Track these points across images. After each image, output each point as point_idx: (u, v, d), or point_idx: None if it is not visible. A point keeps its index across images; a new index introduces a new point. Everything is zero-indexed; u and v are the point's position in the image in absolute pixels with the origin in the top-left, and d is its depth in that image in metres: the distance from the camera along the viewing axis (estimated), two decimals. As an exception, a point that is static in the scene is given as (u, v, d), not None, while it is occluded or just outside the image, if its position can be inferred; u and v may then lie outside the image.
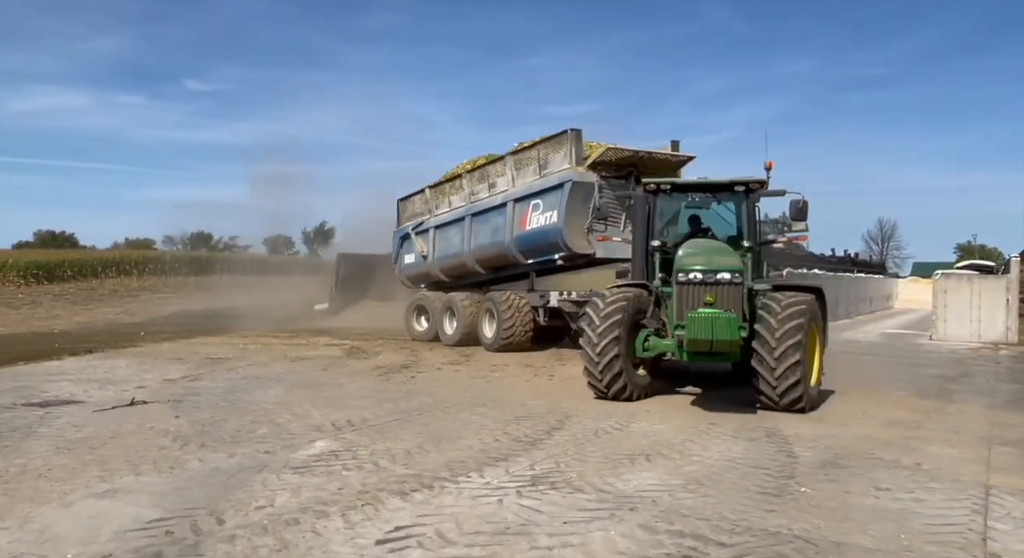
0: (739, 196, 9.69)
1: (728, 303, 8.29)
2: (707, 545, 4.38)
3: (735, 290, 8.36)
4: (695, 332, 8.11)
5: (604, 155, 13.46)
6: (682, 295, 8.52)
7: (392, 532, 4.46)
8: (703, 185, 10.09)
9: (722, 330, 8.03)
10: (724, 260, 8.54)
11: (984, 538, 4.55)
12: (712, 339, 8.05)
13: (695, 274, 8.43)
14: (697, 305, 8.30)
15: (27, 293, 36.13)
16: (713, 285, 8.37)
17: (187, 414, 7.82)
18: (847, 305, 30.29)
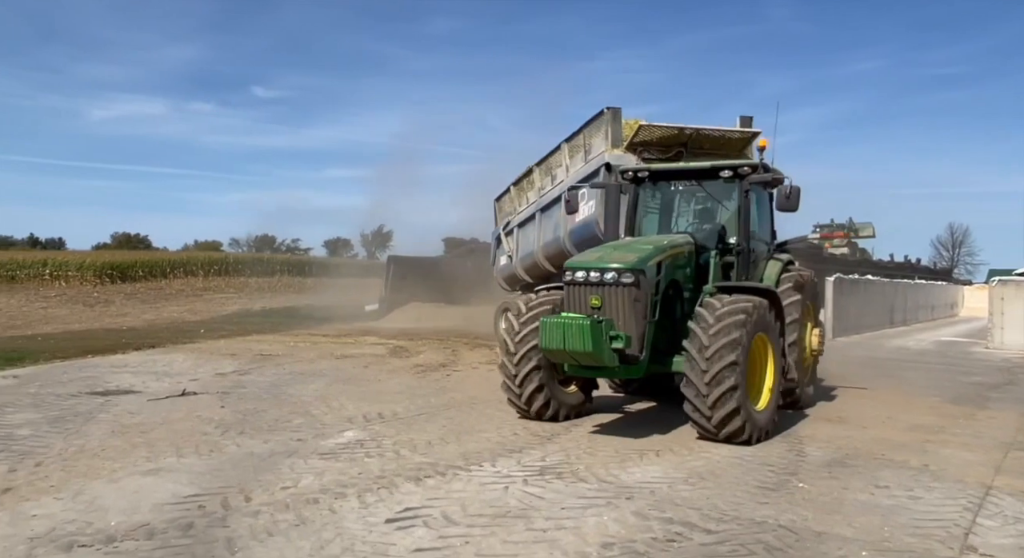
0: (729, 184, 8.43)
1: (614, 308, 7.03)
2: (693, 531, 4.64)
3: (624, 293, 7.01)
4: (547, 340, 6.88)
5: (640, 134, 12.24)
6: (569, 298, 7.34)
7: (401, 512, 4.85)
8: (684, 171, 9.02)
9: (575, 338, 6.67)
10: (620, 256, 7.25)
11: (967, 533, 4.69)
12: (565, 349, 6.76)
13: (581, 273, 7.23)
14: (584, 309, 7.13)
15: (102, 292, 38.24)
16: (597, 286, 7.12)
17: (232, 405, 8.41)
18: (904, 312, 29.58)
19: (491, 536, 4.50)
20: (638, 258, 7.18)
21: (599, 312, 7.03)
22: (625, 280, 7.04)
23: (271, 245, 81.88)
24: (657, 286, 7.35)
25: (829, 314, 21.36)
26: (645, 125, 12.16)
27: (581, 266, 7.29)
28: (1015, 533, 4.72)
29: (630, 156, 12.28)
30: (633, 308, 7.03)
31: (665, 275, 7.47)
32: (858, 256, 41.01)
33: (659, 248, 7.53)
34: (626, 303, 7.04)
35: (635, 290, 7.04)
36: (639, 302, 7.06)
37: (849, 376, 12.31)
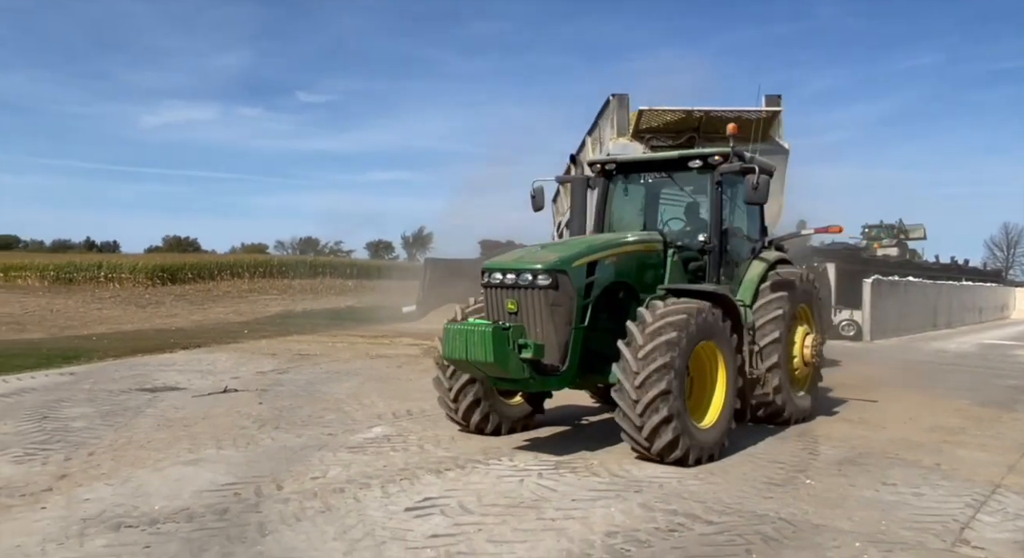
0: (702, 175, 7.75)
1: (532, 313, 6.37)
2: (695, 522, 4.87)
3: (540, 296, 6.33)
4: (448, 349, 6.31)
5: (644, 121, 11.46)
6: (487, 302, 6.73)
7: (421, 502, 5.18)
8: (651, 162, 8.39)
9: (476, 347, 6.02)
10: (541, 256, 6.56)
11: (963, 527, 4.82)
12: (467, 359, 6.15)
13: (497, 275, 6.57)
14: (502, 315, 6.50)
15: (152, 293, 39.66)
16: (513, 288, 6.46)
17: (269, 401, 8.86)
18: (949, 314, 29.01)
19: (503, 524, 4.79)
20: (559, 258, 6.44)
21: (515, 317, 6.39)
22: (541, 282, 6.32)
23: (315, 247, 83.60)
24: (588, 289, 6.58)
25: (866, 316, 21.17)
26: (646, 110, 11.39)
27: (498, 267, 6.60)
28: (1012, 528, 4.84)
29: (636, 144, 11.58)
30: (551, 313, 6.32)
31: (603, 276, 6.73)
32: (908, 257, 40.21)
33: (594, 247, 6.82)
34: (542, 308, 6.32)
35: (553, 293, 6.31)
36: (559, 307, 6.35)
37: (877, 378, 12.30)
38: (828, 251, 24.58)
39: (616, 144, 11.63)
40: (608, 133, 12.25)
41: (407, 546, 4.38)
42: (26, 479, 5.53)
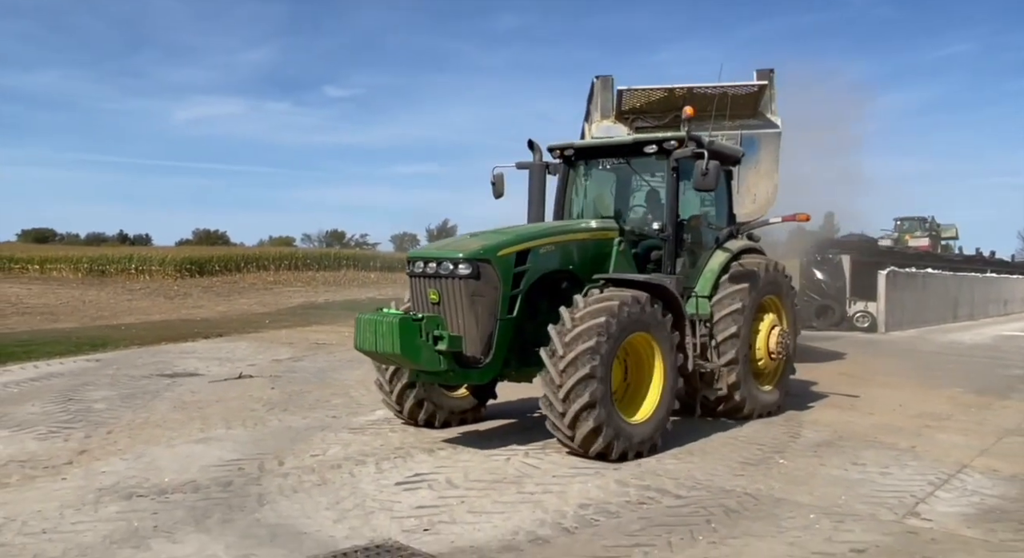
0: (660, 160, 7.51)
1: (453, 304, 6.22)
2: (664, 496, 5.20)
3: (461, 286, 6.15)
4: (360, 340, 6.15)
5: (626, 101, 11.16)
6: (412, 293, 6.57)
7: (411, 477, 5.56)
8: (607, 147, 8.14)
9: (384, 339, 5.88)
10: (464, 245, 6.40)
11: (919, 502, 5.09)
12: (376, 350, 6.03)
13: (419, 264, 6.42)
14: (426, 305, 6.36)
15: (181, 285, 40.64)
16: (434, 278, 6.31)
17: (281, 387, 9.32)
18: (971, 306, 28.76)
19: (484, 497, 5.15)
20: (483, 247, 6.25)
21: (437, 308, 6.27)
22: (462, 272, 6.14)
23: (340, 240, 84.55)
24: (517, 278, 6.39)
25: (881, 307, 21.17)
26: (627, 90, 11.04)
27: (421, 256, 6.48)
28: (965, 504, 5.09)
29: (620, 126, 11.28)
30: (472, 304, 6.15)
31: (538, 265, 6.54)
32: (939, 251, 39.89)
33: (525, 235, 6.63)
34: (463, 298, 6.15)
35: (474, 283, 6.13)
36: (481, 297, 6.17)
37: (880, 368, 12.45)
38: (844, 243, 24.54)
39: (600, 126, 11.35)
40: (595, 115, 11.83)
41: (393, 515, 4.75)
42: (49, 454, 6.02)
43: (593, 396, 5.78)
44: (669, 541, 4.38)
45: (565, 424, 5.88)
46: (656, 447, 6.34)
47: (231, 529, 4.42)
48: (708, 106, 10.57)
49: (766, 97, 11.06)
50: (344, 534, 4.42)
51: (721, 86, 10.64)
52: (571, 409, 5.81)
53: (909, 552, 4.21)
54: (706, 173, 6.94)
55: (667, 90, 11.01)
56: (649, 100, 11.24)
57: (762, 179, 11.17)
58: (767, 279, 8.02)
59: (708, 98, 10.54)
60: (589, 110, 12.64)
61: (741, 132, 10.91)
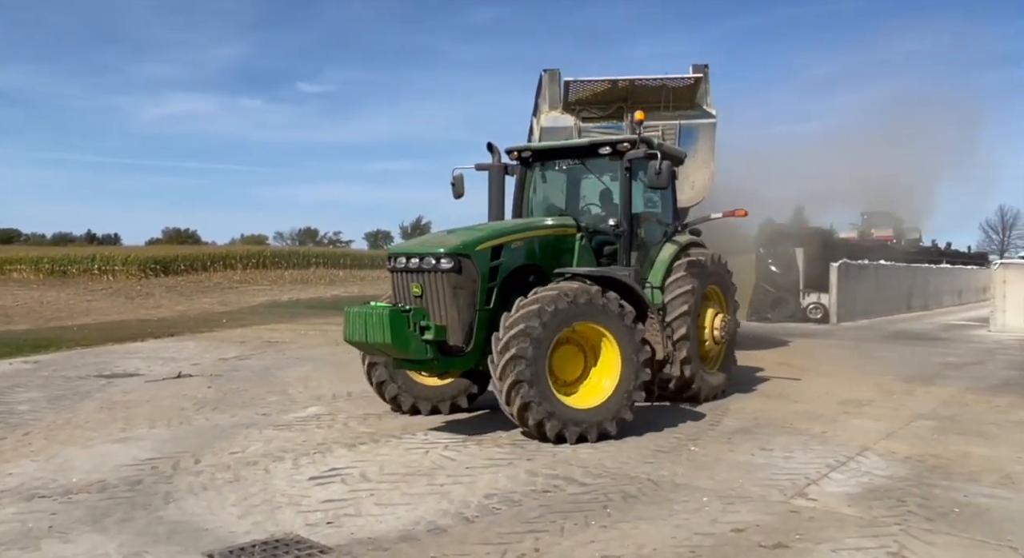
0: (613, 161, 7.92)
1: (435, 297, 6.63)
2: (570, 484, 5.34)
3: (443, 279, 6.58)
4: (349, 332, 6.52)
5: (572, 93, 11.64)
6: (393, 286, 7.01)
7: (326, 472, 5.64)
8: (563, 149, 8.52)
9: (374, 330, 6.27)
10: (444, 240, 6.83)
11: (810, 484, 5.30)
12: (367, 341, 6.40)
13: (401, 259, 6.82)
14: (407, 299, 6.79)
15: (144, 285, 40.10)
16: (417, 272, 6.70)
17: (219, 385, 9.33)
18: (925, 297, 29.45)
19: (394, 490, 5.26)
20: (462, 242, 6.71)
21: (420, 301, 6.66)
22: (444, 266, 6.57)
23: (313, 238, 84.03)
24: (493, 272, 6.82)
25: (833, 299, 21.61)
26: (573, 81, 11.53)
27: (403, 251, 6.90)
28: (854, 484, 5.32)
29: (567, 117, 11.76)
30: (454, 296, 6.59)
31: (510, 260, 6.97)
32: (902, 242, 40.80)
33: (498, 231, 7.06)
34: (445, 291, 6.60)
35: (456, 276, 6.58)
36: (462, 289, 6.62)
37: (821, 356, 12.78)
38: (798, 236, 24.98)
39: (547, 117, 11.78)
40: (544, 109, 12.20)
41: (299, 510, 4.84)
42: (-39, 456, 6.00)
43: (521, 375, 6.18)
44: (562, 527, 4.52)
45: (503, 399, 6.36)
46: (607, 434, 6.56)
47: (129, 528, 4.48)
48: (649, 97, 11.53)
49: (702, 90, 11.56)
50: (246, 529, 4.50)
51: (660, 78, 11.33)
52: (504, 386, 6.27)
53: (786, 530, 4.40)
54: (659, 172, 7.36)
55: (611, 82, 11.47)
56: (594, 92, 11.66)
57: (700, 168, 11.66)
58: (712, 269, 8.58)
59: (649, 90, 11.47)
60: (537, 103, 12.91)
61: (680, 123, 11.57)
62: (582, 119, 11.78)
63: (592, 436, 6.47)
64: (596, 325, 6.67)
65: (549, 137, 11.51)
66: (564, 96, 11.81)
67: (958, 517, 4.66)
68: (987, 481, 5.41)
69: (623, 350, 6.74)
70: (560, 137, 11.34)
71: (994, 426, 7.29)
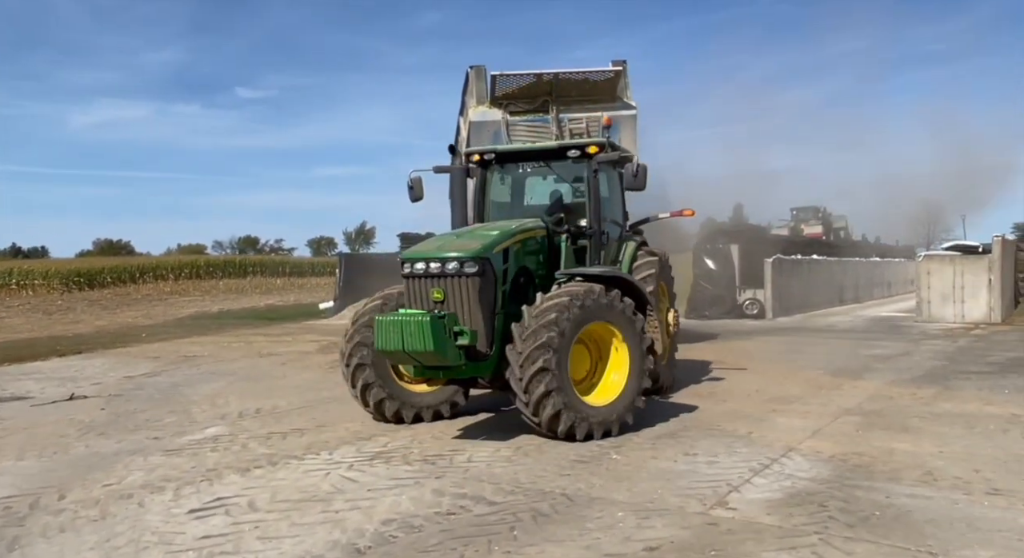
0: (579, 164, 7.95)
1: (459, 301, 6.58)
2: (478, 504, 4.93)
3: (468, 284, 6.55)
4: (383, 341, 6.34)
5: (499, 87, 11.86)
6: (409, 293, 6.83)
7: (210, 502, 5.08)
8: (530, 152, 8.47)
9: (414, 337, 6.15)
10: (461, 244, 6.75)
11: (732, 491, 5.01)
12: (404, 349, 6.23)
13: (420, 264, 6.70)
14: (427, 304, 6.67)
15: (66, 299, 38.22)
16: (439, 278, 6.62)
17: (114, 407, 8.62)
18: (856, 290, 30.09)
19: (283, 520, 4.75)
20: (482, 245, 6.66)
21: (442, 306, 6.57)
22: (468, 270, 6.53)
23: (254, 246, 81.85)
24: (505, 275, 6.88)
25: (768, 294, 21.80)
26: (499, 76, 11.76)
27: (420, 257, 6.73)
28: (775, 488, 5.05)
29: (495, 111, 11.98)
30: (479, 300, 6.56)
31: (514, 262, 7.02)
32: (831, 238, 41.75)
33: (506, 233, 7.00)
34: (471, 295, 6.55)
35: (479, 280, 6.54)
36: (485, 293, 6.60)
37: (752, 352, 12.70)
38: (733, 232, 25.20)
39: (476, 112, 11.94)
40: (471, 104, 12.44)
41: (170, 550, 4.30)
42: None
43: (548, 386, 6.24)
44: (462, 555, 4.10)
45: (530, 411, 6.36)
46: (625, 426, 6.75)
47: (-44, 581, 3.87)
48: (573, 91, 11.93)
49: (622, 83, 11.95)
50: (100, 576, 3.94)
51: (582, 72, 11.75)
52: (532, 398, 6.28)
53: (701, 545, 4.07)
54: (636, 174, 7.59)
55: (536, 76, 11.71)
56: (520, 85, 11.90)
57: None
58: (663, 266, 8.88)
59: (572, 83, 11.81)
60: (464, 101, 13.02)
61: (603, 115, 11.51)
62: (510, 113, 11.94)
63: (615, 430, 6.64)
64: (607, 324, 6.83)
65: (478, 131, 11.78)
66: (491, 91, 11.97)
67: (879, 521, 4.41)
68: (909, 479, 5.22)
69: (630, 346, 6.91)
70: (489, 131, 11.71)
71: (917, 419, 7.18)
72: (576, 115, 11.93)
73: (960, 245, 22.76)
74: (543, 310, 6.42)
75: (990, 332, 16.32)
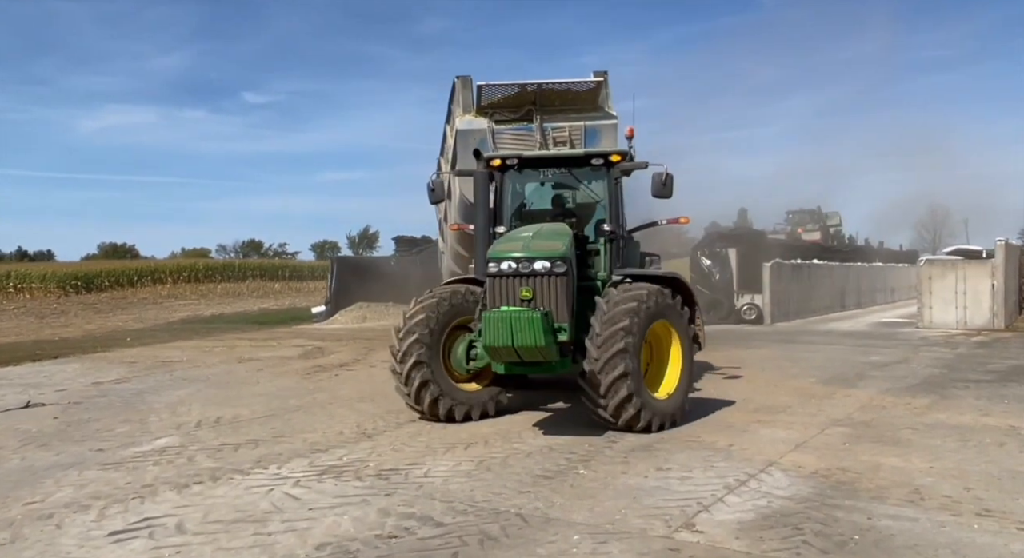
0: (598, 171, 8.43)
1: (548, 299, 6.82)
2: (424, 525, 4.52)
3: (557, 283, 6.85)
4: (492, 336, 6.49)
5: (484, 97, 12.17)
6: (494, 291, 7.00)
7: (135, 523, 4.68)
8: (555, 159, 8.87)
9: (524, 333, 6.37)
10: (545, 246, 7.06)
11: (701, 510, 4.60)
12: (513, 344, 6.43)
13: (507, 263, 6.92)
14: (513, 302, 6.83)
15: (62, 303, 37.96)
16: (528, 276, 6.86)
17: (70, 415, 8.23)
18: (858, 295, 29.55)
19: (209, 544, 4.35)
20: (564, 247, 7.06)
21: (530, 304, 6.77)
22: (558, 270, 6.86)
23: (258, 250, 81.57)
24: (575, 274, 7.27)
25: (766, 299, 21.35)
26: (485, 86, 12.04)
27: (507, 256, 6.96)
28: (748, 508, 4.65)
29: (481, 120, 12.27)
30: (565, 298, 6.89)
31: (572, 262, 7.27)
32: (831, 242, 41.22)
33: (565, 234, 7.39)
34: (558, 293, 6.85)
35: (566, 279, 6.89)
36: (569, 291, 6.95)
37: (746, 359, 12.27)
38: (731, 236, 24.76)
39: (462, 120, 12.18)
40: (458, 113, 12.64)
41: (77, 576, 3.90)
42: None
43: (626, 368, 6.56)
44: (393, 586, 3.70)
45: (600, 394, 6.62)
46: (677, 421, 7.07)
47: None
48: (556, 100, 12.26)
49: (603, 93, 12.24)
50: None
51: (565, 82, 12.03)
52: (606, 380, 6.57)
53: (658, 579, 3.66)
54: (664, 183, 7.93)
55: (520, 86, 11.97)
56: (505, 95, 12.16)
57: None
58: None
59: (556, 93, 12.14)
60: (451, 110, 13.14)
61: (585, 123, 12.24)
62: (495, 121, 12.25)
63: (669, 423, 6.95)
64: (667, 322, 7.24)
65: (464, 139, 12.06)
66: (477, 100, 12.26)
67: (857, 546, 4.00)
68: (894, 498, 4.80)
69: (683, 344, 7.37)
70: (475, 139, 11.93)
71: (909, 431, 6.76)
72: (559, 124, 12.21)
73: (962, 250, 22.32)
74: (623, 298, 6.85)
75: (992, 338, 15.88)
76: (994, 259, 18.79)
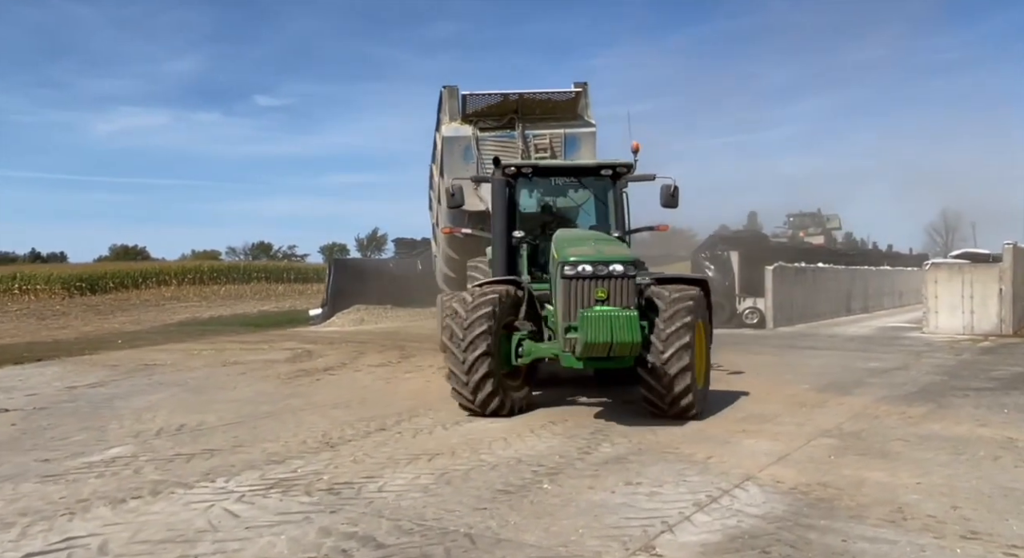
0: (605, 181, 9.12)
1: (620, 299, 7.16)
2: (364, 547, 4.19)
3: (627, 284, 7.21)
4: (593, 334, 6.81)
5: (469, 106, 12.69)
6: (570, 291, 7.25)
7: (54, 544, 4.33)
8: (567, 168, 9.46)
9: (622, 330, 6.80)
10: (614, 250, 7.53)
11: (665, 530, 4.25)
12: (612, 341, 6.80)
13: (584, 266, 7.21)
14: (588, 302, 7.15)
15: (65, 305, 37.82)
16: (605, 279, 7.19)
17: (31, 421, 7.95)
18: (865, 299, 28.99)
19: (132, 565, 4.02)
20: (629, 250, 7.76)
21: (603, 304, 7.12)
22: (630, 272, 7.25)
23: (268, 252, 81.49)
24: None
25: (769, 303, 20.90)
26: (469, 95, 12.55)
27: (584, 259, 7.27)
28: (716, 528, 4.30)
29: (466, 127, 12.69)
30: (635, 298, 7.27)
31: None
32: (834, 245, 40.70)
33: (615, 240, 8.07)
34: (628, 294, 7.19)
35: (633, 281, 7.29)
36: (636, 292, 7.34)
37: (741, 365, 11.86)
38: (733, 239, 24.34)
39: (448, 128, 12.57)
40: (445, 120, 13.02)
41: (-22, 601, 3.58)
42: None
43: (690, 360, 7.18)
44: (314, 617, 3.36)
45: (663, 384, 7.18)
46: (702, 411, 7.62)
47: None
48: (537, 109, 12.73)
49: (583, 103, 12.70)
50: None
51: (546, 92, 12.60)
52: (672, 370, 7.13)
53: (603, 613, 3.31)
54: (672, 194, 8.73)
55: (503, 95, 12.53)
56: (489, 104, 12.71)
57: None
58: None
59: (537, 102, 12.68)
60: (439, 118, 13.43)
61: (565, 131, 12.71)
62: (479, 129, 12.73)
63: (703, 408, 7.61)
64: (703, 321, 7.83)
65: (450, 146, 12.65)
66: (462, 109, 12.75)
67: (829, 576, 3.63)
68: (875, 517, 4.43)
69: (707, 341, 8.09)
70: (460, 146, 12.59)
71: (900, 442, 6.37)
72: (540, 131, 12.63)
73: (969, 253, 21.80)
74: (677, 313, 7.31)
75: (999, 344, 15.42)
76: (1002, 263, 18.29)
